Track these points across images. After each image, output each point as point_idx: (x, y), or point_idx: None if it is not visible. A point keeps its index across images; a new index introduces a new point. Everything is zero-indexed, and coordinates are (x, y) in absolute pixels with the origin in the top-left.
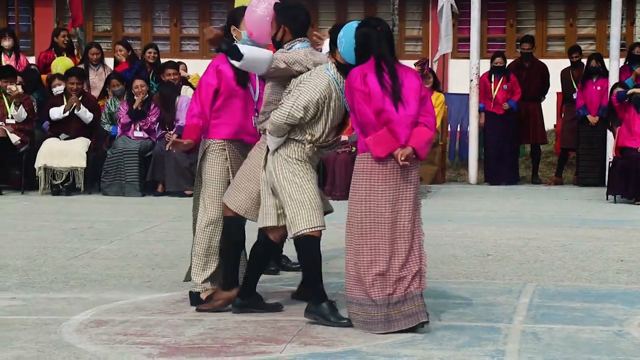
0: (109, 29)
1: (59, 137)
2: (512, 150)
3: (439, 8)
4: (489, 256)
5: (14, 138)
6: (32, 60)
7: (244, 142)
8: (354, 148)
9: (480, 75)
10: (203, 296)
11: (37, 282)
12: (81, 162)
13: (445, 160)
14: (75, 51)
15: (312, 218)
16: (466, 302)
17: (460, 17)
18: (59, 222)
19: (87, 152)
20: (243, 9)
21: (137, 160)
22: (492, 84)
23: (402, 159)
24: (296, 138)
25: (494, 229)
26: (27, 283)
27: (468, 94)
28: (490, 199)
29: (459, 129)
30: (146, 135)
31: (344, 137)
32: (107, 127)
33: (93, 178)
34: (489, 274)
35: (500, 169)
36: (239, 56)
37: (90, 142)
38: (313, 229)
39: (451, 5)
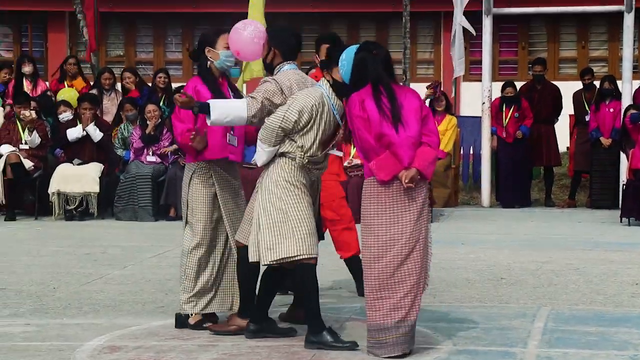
0: (121, 54)
1: (72, 163)
2: (524, 174)
3: (452, 32)
4: (503, 280)
5: (28, 163)
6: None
7: (228, 160)
8: None
9: (493, 98)
10: (192, 321)
11: (51, 308)
12: (94, 187)
13: (458, 183)
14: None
15: (304, 246)
16: (480, 326)
17: (472, 40)
18: (73, 248)
19: (100, 177)
20: (212, 31)
21: (150, 184)
22: (503, 113)
23: (406, 181)
24: (286, 151)
25: (507, 252)
26: (41, 309)
27: (480, 117)
28: (503, 222)
29: (471, 152)
30: (159, 160)
31: (356, 160)
32: (120, 152)
33: (106, 203)
34: (503, 297)
35: (513, 192)
36: (208, 113)
37: (103, 167)
38: (305, 256)
39: (464, 28)
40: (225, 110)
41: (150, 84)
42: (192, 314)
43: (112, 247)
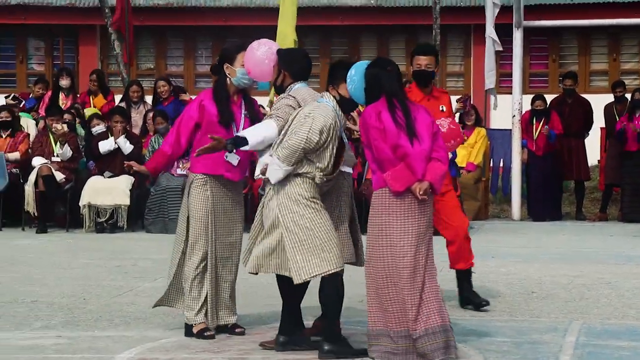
0: (152, 67)
1: (103, 175)
2: (555, 187)
3: (486, 45)
4: (534, 293)
5: (59, 176)
6: None
7: (224, 177)
8: None
9: (523, 111)
10: (195, 330)
11: (82, 320)
12: (125, 200)
13: (488, 196)
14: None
15: (329, 261)
16: (511, 340)
17: (503, 52)
18: (103, 260)
19: (130, 190)
20: (233, 47)
21: (180, 197)
22: (533, 126)
23: (421, 193)
24: (303, 172)
25: (538, 265)
26: (72, 321)
27: (510, 130)
28: (534, 236)
29: (501, 165)
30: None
31: None
32: None
33: (136, 216)
34: (534, 311)
35: (543, 205)
36: (245, 143)
37: (133, 179)
38: (330, 272)
39: (493, 41)
40: (258, 136)
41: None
42: (195, 324)
43: (142, 259)
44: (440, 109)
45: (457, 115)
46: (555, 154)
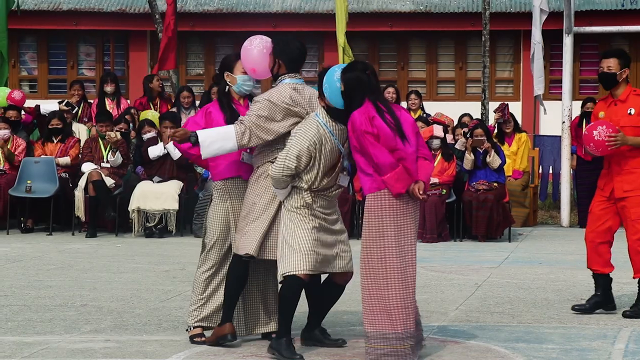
0: (201, 72)
1: (152, 180)
2: None
3: (531, 51)
4: (582, 300)
5: (109, 181)
6: None
7: (242, 179)
8: (444, 190)
9: (573, 117)
10: (189, 334)
11: (131, 324)
12: (173, 205)
13: (537, 202)
14: (169, 96)
15: (300, 262)
16: (560, 347)
17: (552, 58)
18: (152, 265)
19: (179, 195)
20: (233, 55)
21: None
22: (583, 129)
23: (421, 192)
24: (295, 185)
25: (587, 272)
26: (121, 325)
27: (560, 136)
28: (582, 242)
29: (551, 171)
30: None
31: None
32: (200, 170)
33: (185, 220)
34: (583, 318)
35: None
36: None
37: (182, 184)
38: (299, 272)
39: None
40: (214, 141)
41: None
42: (191, 328)
43: (190, 264)
44: (628, 112)
45: (496, 124)
46: (604, 162)
